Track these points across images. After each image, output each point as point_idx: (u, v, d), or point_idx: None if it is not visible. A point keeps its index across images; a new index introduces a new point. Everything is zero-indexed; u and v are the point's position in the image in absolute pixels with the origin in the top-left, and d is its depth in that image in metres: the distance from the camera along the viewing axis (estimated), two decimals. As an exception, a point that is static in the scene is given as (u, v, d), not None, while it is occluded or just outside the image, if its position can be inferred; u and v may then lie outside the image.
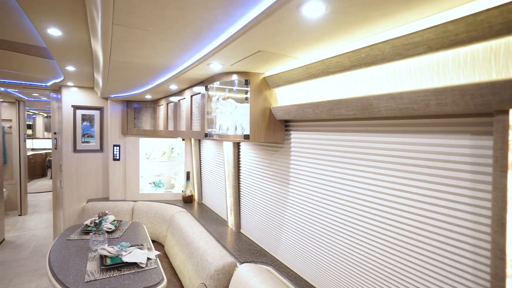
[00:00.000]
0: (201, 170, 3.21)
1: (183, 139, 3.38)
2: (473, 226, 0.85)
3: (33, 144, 9.09)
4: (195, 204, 3.15)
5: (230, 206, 2.34)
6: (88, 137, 3.52)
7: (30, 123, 9.40)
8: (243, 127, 1.71)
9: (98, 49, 1.46)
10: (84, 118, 3.49)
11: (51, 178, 5.15)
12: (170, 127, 2.73)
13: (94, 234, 2.09)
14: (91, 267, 1.80)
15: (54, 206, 4.04)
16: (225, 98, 1.77)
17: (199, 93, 1.99)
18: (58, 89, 3.57)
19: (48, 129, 10.02)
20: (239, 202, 2.29)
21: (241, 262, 1.78)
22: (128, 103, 3.34)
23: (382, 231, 1.13)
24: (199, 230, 2.33)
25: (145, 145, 3.56)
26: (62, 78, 2.85)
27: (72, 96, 3.41)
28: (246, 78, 1.56)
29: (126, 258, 1.82)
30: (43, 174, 8.73)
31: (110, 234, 2.42)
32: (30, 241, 4.17)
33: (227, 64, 1.40)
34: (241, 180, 2.25)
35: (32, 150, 8.70)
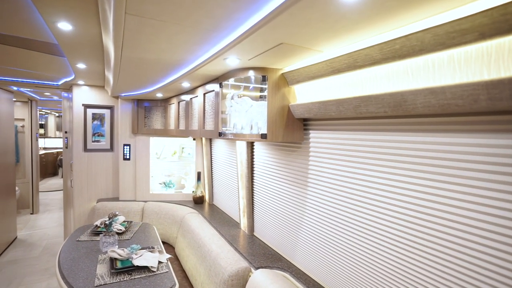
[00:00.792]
0: (212, 170, 3.15)
1: (194, 139, 3.32)
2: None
3: (45, 143, 9.20)
4: (206, 205, 3.09)
5: (243, 208, 2.26)
6: (98, 136, 3.49)
7: (42, 123, 9.52)
8: (259, 126, 1.63)
9: (110, 43, 1.40)
10: (94, 117, 3.47)
11: (62, 177, 5.17)
12: (182, 126, 2.67)
13: (104, 235, 2.04)
14: (101, 270, 1.75)
15: (64, 205, 4.04)
16: (240, 96, 1.70)
17: (213, 90, 1.92)
18: (69, 88, 3.56)
19: (59, 128, 10.14)
20: (253, 204, 2.21)
21: (256, 268, 1.70)
22: (138, 102, 3.29)
23: (413, 240, 1.03)
24: (211, 232, 2.26)
25: (155, 144, 3.51)
26: (73, 76, 2.82)
27: (82, 94, 3.38)
28: (264, 74, 1.48)
29: (137, 261, 1.76)
30: (55, 173, 8.82)
31: (120, 235, 2.37)
32: (41, 239, 4.18)
33: (245, 58, 1.32)
34: (254, 181, 2.17)
35: (44, 149, 8.81)
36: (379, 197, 1.17)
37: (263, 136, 1.49)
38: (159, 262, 1.84)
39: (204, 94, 2.07)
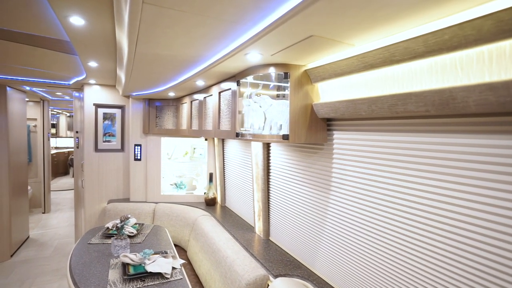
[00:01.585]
0: (224, 171, 3.06)
1: (206, 139, 3.24)
2: None
3: (56, 142, 9.29)
4: (218, 207, 3.01)
5: (258, 212, 2.17)
6: (109, 136, 3.45)
7: (54, 122, 9.62)
8: (280, 126, 1.53)
9: (123, 39, 1.32)
10: (105, 116, 3.43)
11: (73, 176, 5.18)
12: (194, 126, 2.59)
13: (116, 239, 1.98)
14: (113, 276, 1.68)
15: (75, 205, 4.02)
16: (258, 95, 1.61)
17: (229, 89, 1.83)
18: (81, 87, 3.53)
19: (70, 128, 10.23)
20: (269, 207, 2.11)
21: (274, 275, 1.61)
22: (149, 101, 3.24)
23: (452, 251, 0.92)
24: (225, 236, 2.17)
25: (166, 145, 3.45)
26: (84, 75, 2.78)
27: (94, 94, 3.34)
28: (285, 71, 1.38)
29: (150, 267, 1.69)
30: (66, 172, 8.89)
31: (131, 238, 2.31)
32: (53, 239, 4.17)
33: (267, 54, 1.22)
34: (270, 183, 2.08)
35: (55, 148, 8.89)
36: (414, 203, 1.06)
37: (285, 137, 1.39)
38: (173, 268, 1.77)
39: (219, 93, 1.98)
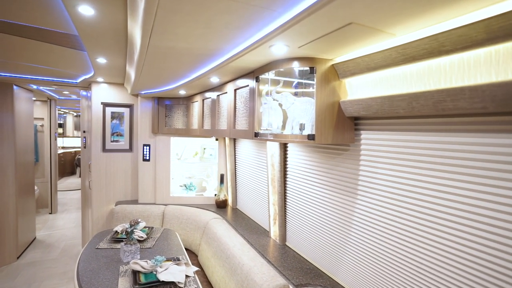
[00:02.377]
0: (236, 172, 2.96)
1: (217, 139, 3.14)
2: None
3: (63, 142, 9.29)
4: (229, 209, 2.90)
5: (274, 215, 2.06)
6: (117, 136, 3.36)
7: (60, 122, 9.62)
8: (301, 126, 1.42)
9: (136, 30, 1.22)
10: (113, 116, 3.35)
11: (80, 177, 5.12)
12: (206, 126, 2.49)
13: (125, 244, 1.89)
14: (123, 285, 1.58)
15: (82, 206, 3.96)
16: (278, 92, 1.50)
17: (246, 86, 1.72)
18: (88, 85, 3.45)
19: (77, 128, 10.23)
20: (285, 211, 2.00)
21: (295, 285, 1.50)
22: (159, 100, 3.14)
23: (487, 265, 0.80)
24: (240, 241, 2.07)
25: (175, 145, 3.36)
26: (92, 73, 2.70)
27: (101, 92, 3.26)
28: (311, 66, 1.27)
29: (162, 276, 1.58)
30: (72, 172, 8.88)
31: (141, 243, 2.21)
32: (60, 240, 4.11)
33: (294, 46, 1.11)
34: (287, 186, 1.97)
35: (62, 148, 8.88)
36: (459, 212, 0.94)
37: (310, 137, 1.28)
38: (186, 276, 1.67)
39: (234, 90, 1.88)
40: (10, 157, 3.36)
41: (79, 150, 8.79)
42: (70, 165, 8.75)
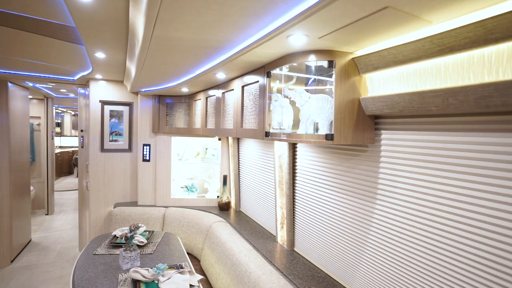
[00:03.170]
0: (239, 173, 2.84)
1: (219, 139, 3.03)
2: None
3: (60, 141, 9.15)
4: (232, 212, 2.79)
5: (281, 219, 1.96)
6: (116, 135, 3.25)
7: (58, 121, 9.47)
8: (316, 125, 1.31)
9: (139, 18, 1.11)
10: (112, 114, 3.23)
11: (77, 177, 4.99)
12: (210, 125, 2.38)
13: (125, 250, 1.77)
14: (123, 295, 1.47)
15: (80, 207, 3.83)
16: (290, 89, 1.39)
17: (256, 82, 1.61)
18: (86, 83, 3.33)
19: (75, 127, 10.09)
20: (294, 215, 1.89)
21: (308, 297, 1.39)
22: (160, 98, 3.03)
23: None
24: (245, 247, 1.96)
25: (176, 144, 3.24)
26: (91, 69, 2.58)
27: (100, 90, 3.15)
28: (330, 59, 1.16)
29: (165, 285, 1.47)
30: (70, 172, 8.74)
31: (141, 248, 2.10)
32: (56, 243, 3.99)
33: (314, 36, 1.00)
34: (296, 188, 1.86)
35: (60, 147, 8.75)
36: (491, 218, 0.84)
37: (329, 137, 1.17)
38: (190, 286, 1.56)
39: (242, 87, 1.77)
40: (4, 157, 3.23)
41: (77, 149, 8.65)
42: (67, 164, 8.62)
